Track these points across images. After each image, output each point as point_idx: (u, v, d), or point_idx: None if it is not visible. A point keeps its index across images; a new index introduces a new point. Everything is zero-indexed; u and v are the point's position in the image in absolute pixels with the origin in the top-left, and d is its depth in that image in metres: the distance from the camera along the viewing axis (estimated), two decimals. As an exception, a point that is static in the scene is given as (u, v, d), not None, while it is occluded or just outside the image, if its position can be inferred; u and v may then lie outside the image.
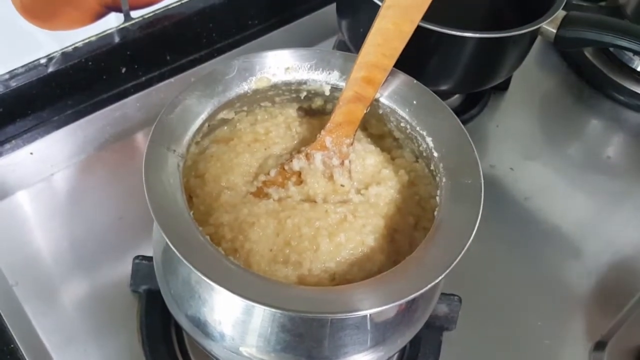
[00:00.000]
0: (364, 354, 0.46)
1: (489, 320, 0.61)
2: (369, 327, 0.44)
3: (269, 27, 0.79)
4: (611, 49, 0.84)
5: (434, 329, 0.57)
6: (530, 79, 0.82)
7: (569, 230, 0.69)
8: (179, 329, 0.56)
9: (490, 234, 0.65)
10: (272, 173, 0.50)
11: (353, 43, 0.69)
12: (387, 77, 0.48)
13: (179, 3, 0.71)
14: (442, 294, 0.54)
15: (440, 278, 0.39)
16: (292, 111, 0.54)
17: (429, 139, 0.47)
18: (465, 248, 0.41)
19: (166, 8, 0.71)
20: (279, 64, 0.50)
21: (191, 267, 0.37)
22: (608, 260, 0.67)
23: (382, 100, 0.49)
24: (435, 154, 0.46)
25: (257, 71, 0.49)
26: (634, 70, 0.82)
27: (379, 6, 0.58)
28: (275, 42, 0.78)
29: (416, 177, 0.51)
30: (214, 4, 0.73)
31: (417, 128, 0.48)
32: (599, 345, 0.61)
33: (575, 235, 0.69)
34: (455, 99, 0.76)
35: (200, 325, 0.44)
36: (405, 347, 0.57)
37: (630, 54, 0.82)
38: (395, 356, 0.58)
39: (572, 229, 0.69)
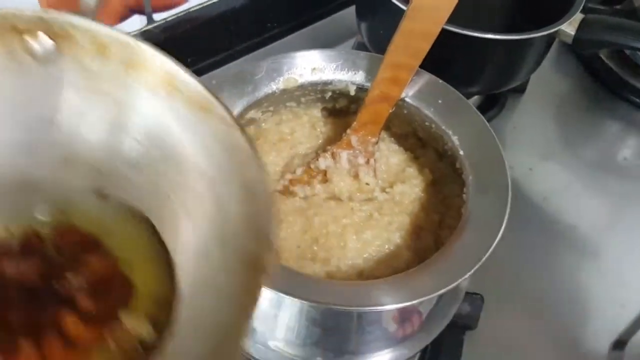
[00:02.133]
0: (390, 350, 0.46)
1: (508, 319, 0.62)
2: (397, 322, 0.45)
3: (288, 30, 0.80)
4: (627, 52, 0.84)
5: (456, 328, 0.57)
6: (547, 81, 0.82)
7: (587, 231, 0.69)
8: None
9: (510, 234, 0.65)
10: (299, 172, 0.51)
11: (373, 45, 0.70)
12: (412, 76, 0.49)
13: (200, 6, 0.72)
14: (465, 292, 0.55)
15: (467, 275, 0.40)
16: (316, 111, 0.55)
17: (454, 138, 0.48)
18: (492, 248, 0.41)
19: (188, 11, 0.72)
20: (305, 65, 0.51)
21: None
22: (625, 259, 0.68)
23: (408, 99, 0.50)
24: (461, 152, 0.47)
25: (285, 71, 0.50)
26: (649, 73, 0.83)
27: (399, 8, 0.60)
28: (295, 45, 0.79)
29: (440, 176, 0.51)
30: (234, 8, 0.74)
31: (443, 127, 0.48)
32: (618, 344, 0.61)
33: (592, 236, 0.69)
34: (473, 100, 0.77)
35: (231, 319, 0.45)
36: (426, 346, 0.58)
37: (646, 57, 0.83)
38: (417, 355, 0.58)
39: (590, 229, 0.70)
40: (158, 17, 0.70)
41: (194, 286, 0.29)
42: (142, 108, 0.31)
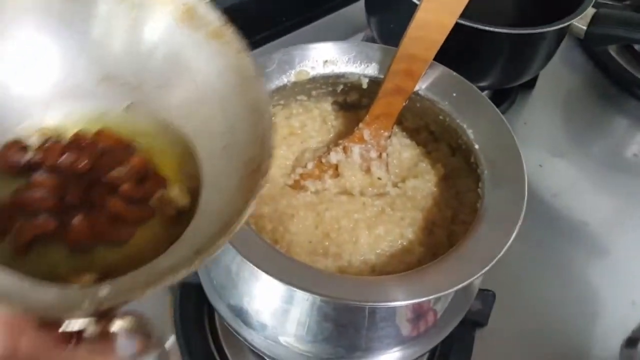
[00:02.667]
0: (402, 347, 0.46)
1: (519, 316, 0.61)
2: (410, 319, 0.44)
3: (297, 24, 0.79)
4: (636, 47, 0.84)
5: (467, 325, 0.57)
6: (556, 77, 0.82)
7: (597, 228, 0.69)
8: (212, 320, 0.56)
9: (520, 230, 0.65)
10: (309, 166, 0.50)
11: (383, 39, 0.69)
12: (426, 69, 0.48)
13: (208, -1, 0.72)
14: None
15: (483, 272, 0.40)
16: (326, 105, 0.54)
17: (469, 131, 0.47)
18: (507, 245, 0.41)
19: (196, 4, 0.71)
20: (318, 57, 0.50)
21: (243, 256, 0.37)
22: (636, 257, 0.67)
23: (421, 92, 0.49)
24: (476, 146, 0.46)
25: (297, 64, 0.49)
26: (659, 70, 0.82)
27: (410, 1, 0.59)
28: (303, 39, 0.78)
29: (453, 171, 0.51)
30: (242, 1, 0.74)
31: (457, 120, 0.48)
32: (630, 342, 0.61)
33: (603, 233, 0.69)
34: (483, 95, 0.76)
35: (242, 314, 0.44)
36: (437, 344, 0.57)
37: (656, 53, 0.82)
38: (428, 352, 0.57)
39: (600, 226, 0.69)
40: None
41: (209, 185, 0.35)
42: (165, 35, 0.36)
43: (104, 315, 0.27)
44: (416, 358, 0.49)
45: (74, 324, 0.27)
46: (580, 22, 0.64)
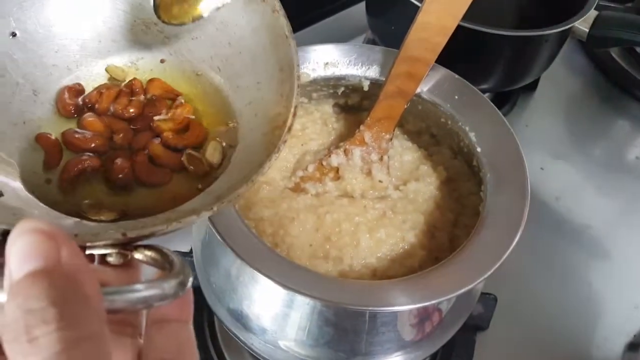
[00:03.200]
0: (403, 352, 0.45)
1: (520, 319, 0.61)
2: (412, 324, 0.44)
3: (296, 27, 0.78)
4: (638, 50, 0.83)
5: (468, 329, 0.56)
6: (558, 79, 0.82)
7: (599, 231, 0.69)
8: (211, 324, 0.56)
9: (522, 233, 0.65)
10: (310, 168, 0.50)
11: (384, 42, 0.69)
12: (428, 72, 0.48)
13: (208, 1, 0.71)
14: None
15: (486, 276, 0.39)
16: (327, 107, 0.54)
17: (471, 134, 0.47)
18: (511, 248, 0.40)
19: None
20: (319, 59, 0.50)
21: (243, 260, 0.37)
22: (638, 260, 0.67)
23: (423, 95, 0.49)
24: (479, 149, 0.46)
25: (298, 66, 0.49)
26: (661, 72, 0.82)
27: (412, 3, 0.59)
28: (304, 41, 0.78)
29: (455, 174, 0.50)
30: (242, 3, 0.73)
31: (459, 123, 0.47)
32: (632, 346, 0.60)
33: (605, 236, 0.68)
34: (485, 98, 0.76)
35: (242, 319, 0.44)
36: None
37: (658, 56, 0.82)
38: (429, 356, 0.57)
39: (602, 229, 0.69)
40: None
41: (241, 139, 0.36)
42: None
43: (127, 246, 0.28)
44: (417, 362, 0.48)
45: (98, 249, 0.28)
46: (582, 25, 0.64)
